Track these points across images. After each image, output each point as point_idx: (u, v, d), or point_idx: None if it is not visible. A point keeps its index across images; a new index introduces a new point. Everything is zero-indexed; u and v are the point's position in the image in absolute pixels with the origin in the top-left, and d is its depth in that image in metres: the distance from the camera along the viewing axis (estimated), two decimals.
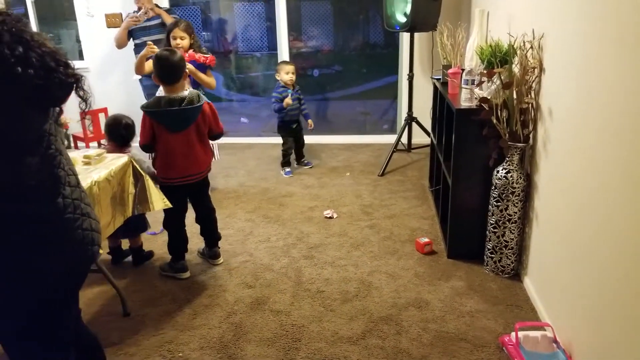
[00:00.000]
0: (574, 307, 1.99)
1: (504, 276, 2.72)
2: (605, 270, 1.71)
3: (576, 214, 1.97)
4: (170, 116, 2.54)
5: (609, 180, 1.69)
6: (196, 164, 2.71)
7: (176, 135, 2.59)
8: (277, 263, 2.95)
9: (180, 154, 2.63)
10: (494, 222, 2.65)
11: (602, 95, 1.75)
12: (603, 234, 1.73)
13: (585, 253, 1.88)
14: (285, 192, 4.10)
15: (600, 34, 1.77)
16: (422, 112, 4.71)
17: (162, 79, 2.61)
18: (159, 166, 2.68)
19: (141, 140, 2.64)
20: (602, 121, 1.75)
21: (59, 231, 1.39)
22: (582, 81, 1.93)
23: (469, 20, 4.40)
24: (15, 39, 1.20)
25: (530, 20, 2.56)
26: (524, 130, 2.49)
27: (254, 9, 5.72)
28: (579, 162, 1.95)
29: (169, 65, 2.56)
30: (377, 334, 2.29)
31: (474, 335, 2.27)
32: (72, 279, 1.52)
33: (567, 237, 2.06)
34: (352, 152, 5.20)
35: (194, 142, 2.65)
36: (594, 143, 1.81)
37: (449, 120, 3.12)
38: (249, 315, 2.46)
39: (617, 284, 1.63)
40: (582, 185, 1.92)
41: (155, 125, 2.58)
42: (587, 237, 1.87)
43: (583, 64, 1.92)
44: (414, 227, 3.37)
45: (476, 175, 2.76)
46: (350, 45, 6.00)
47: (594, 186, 1.81)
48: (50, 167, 1.35)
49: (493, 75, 2.55)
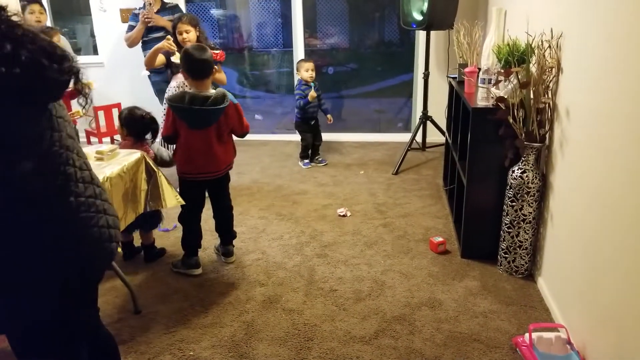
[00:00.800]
0: (589, 308, 1.96)
1: (518, 276, 2.69)
2: (621, 272, 1.68)
3: (592, 215, 1.94)
4: (191, 113, 2.55)
5: (626, 182, 1.66)
6: (214, 163, 2.70)
7: (196, 132, 2.60)
8: (290, 261, 2.96)
9: (198, 151, 2.64)
10: (509, 222, 2.62)
11: (621, 96, 1.72)
12: (619, 235, 1.70)
13: (601, 254, 1.85)
14: (299, 189, 4.10)
15: (621, 35, 1.74)
16: (437, 111, 4.68)
17: (191, 74, 2.61)
18: (179, 159, 2.70)
19: (164, 131, 2.69)
20: (621, 123, 1.72)
21: (74, 231, 1.37)
22: (601, 82, 1.90)
23: (486, 19, 4.35)
24: (4, 36, 1.14)
25: (548, 19, 2.53)
26: (540, 130, 2.46)
27: (269, 6, 5.72)
28: (596, 163, 1.92)
29: (199, 61, 2.56)
30: (390, 333, 2.29)
31: (487, 336, 2.25)
32: (90, 277, 1.52)
33: (583, 238, 2.03)
34: (366, 150, 5.19)
35: (213, 141, 2.64)
36: (611, 144, 1.78)
37: (464, 119, 3.10)
38: (261, 313, 2.47)
39: (633, 287, 1.60)
40: (598, 186, 1.89)
41: (177, 119, 2.60)
42: (603, 239, 1.84)
43: (602, 65, 1.89)
44: (428, 226, 3.36)
45: (491, 175, 2.73)
46: (366, 43, 5.97)
47: (610, 187, 1.78)
48: (57, 165, 1.30)
49: (510, 75, 2.52)
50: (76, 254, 1.39)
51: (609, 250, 1.79)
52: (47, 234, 1.32)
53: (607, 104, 1.83)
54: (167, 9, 4.49)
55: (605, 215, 1.83)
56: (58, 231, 1.34)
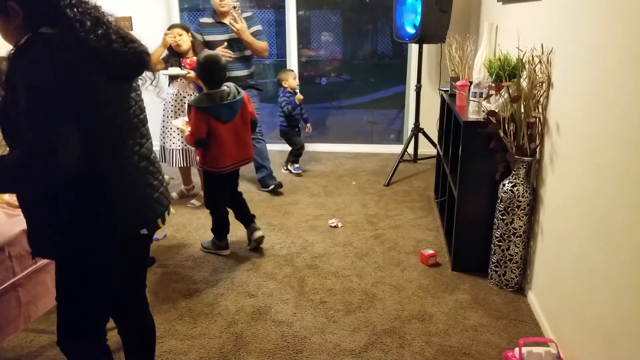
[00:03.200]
0: (579, 323, 1.96)
1: (508, 290, 2.69)
2: (611, 287, 1.69)
3: (582, 229, 1.95)
4: (223, 108, 2.82)
5: (616, 196, 1.67)
6: (246, 149, 3.01)
7: (227, 125, 2.85)
8: (280, 272, 2.94)
9: (232, 142, 2.90)
10: (499, 236, 2.63)
11: (610, 111, 1.74)
12: (609, 250, 1.71)
13: (591, 269, 1.86)
14: (291, 199, 4.10)
15: (610, 51, 1.76)
16: (429, 123, 4.71)
17: (211, 84, 2.85)
18: (212, 157, 2.90)
19: (196, 135, 2.82)
20: (610, 137, 1.73)
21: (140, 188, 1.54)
22: (590, 97, 1.92)
23: (477, 33, 4.39)
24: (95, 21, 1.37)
25: (539, 34, 2.56)
26: (530, 144, 2.48)
27: (264, 17, 5.75)
28: (585, 177, 1.93)
29: (218, 69, 2.83)
30: (380, 346, 2.28)
31: (477, 349, 2.24)
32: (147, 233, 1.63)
33: (573, 252, 2.04)
34: (358, 161, 5.20)
35: (241, 128, 2.94)
36: (601, 159, 1.80)
37: (455, 132, 3.11)
38: (250, 325, 2.45)
39: (623, 302, 1.61)
40: (588, 200, 1.90)
41: (209, 120, 2.79)
42: (593, 253, 1.85)
43: (592, 80, 1.91)
44: (419, 238, 3.36)
45: (482, 188, 2.75)
46: (359, 55, 6.01)
47: (600, 202, 1.79)
48: (136, 127, 1.53)
49: (501, 89, 2.54)
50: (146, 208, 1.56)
51: (598, 265, 1.80)
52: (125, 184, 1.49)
53: (597, 119, 1.85)
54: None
55: (595, 229, 1.83)
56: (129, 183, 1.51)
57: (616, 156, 1.68)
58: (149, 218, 1.57)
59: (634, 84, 1.57)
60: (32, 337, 2.36)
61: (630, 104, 1.59)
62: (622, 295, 1.62)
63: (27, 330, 2.39)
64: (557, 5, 2.32)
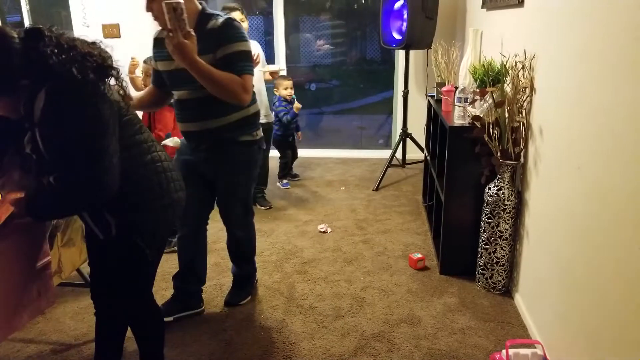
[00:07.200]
0: (564, 324, 1.99)
1: (496, 293, 2.72)
2: (596, 289, 1.72)
3: (566, 231, 1.98)
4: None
5: (598, 199, 1.70)
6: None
7: None
8: (270, 278, 2.95)
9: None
10: (486, 239, 2.66)
11: (592, 115, 1.77)
12: (593, 252, 1.74)
13: (575, 270, 1.89)
14: (280, 205, 4.11)
15: (591, 57, 1.80)
16: (417, 128, 4.74)
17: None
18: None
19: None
20: (591, 140, 1.77)
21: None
22: (571, 101, 1.95)
23: (463, 40, 4.44)
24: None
25: (522, 41, 2.60)
26: (515, 148, 2.51)
27: (253, 23, 5.77)
28: (568, 180, 1.97)
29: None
30: (369, 351, 2.29)
31: (465, 352, 2.26)
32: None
33: (558, 255, 2.07)
34: (347, 166, 5.22)
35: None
36: (583, 162, 1.83)
37: (442, 137, 3.14)
38: (239, 331, 2.46)
39: (608, 303, 1.64)
40: (571, 203, 1.93)
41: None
42: (577, 255, 1.88)
43: (573, 85, 1.94)
44: (408, 242, 3.38)
45: (468, 192, 2.78)
46: (348, 61, 6.05)
47: (583, 205, 1.82)
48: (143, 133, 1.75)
49: (485, 94, 2.58)
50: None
51: (583, 267, 1.83)
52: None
53: (578, 123, 1.88)
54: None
55: (579, 231, 1.87)
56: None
57: (597, 159, 1.71)
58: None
59: (613, 88, 1.61)
60: (19, 347, 2.35)
61: (609, 108, 1.63)
62: (604, 297, 1.64)
63: (14, 340, 2.38)
64: (539, 12, 2.37)
